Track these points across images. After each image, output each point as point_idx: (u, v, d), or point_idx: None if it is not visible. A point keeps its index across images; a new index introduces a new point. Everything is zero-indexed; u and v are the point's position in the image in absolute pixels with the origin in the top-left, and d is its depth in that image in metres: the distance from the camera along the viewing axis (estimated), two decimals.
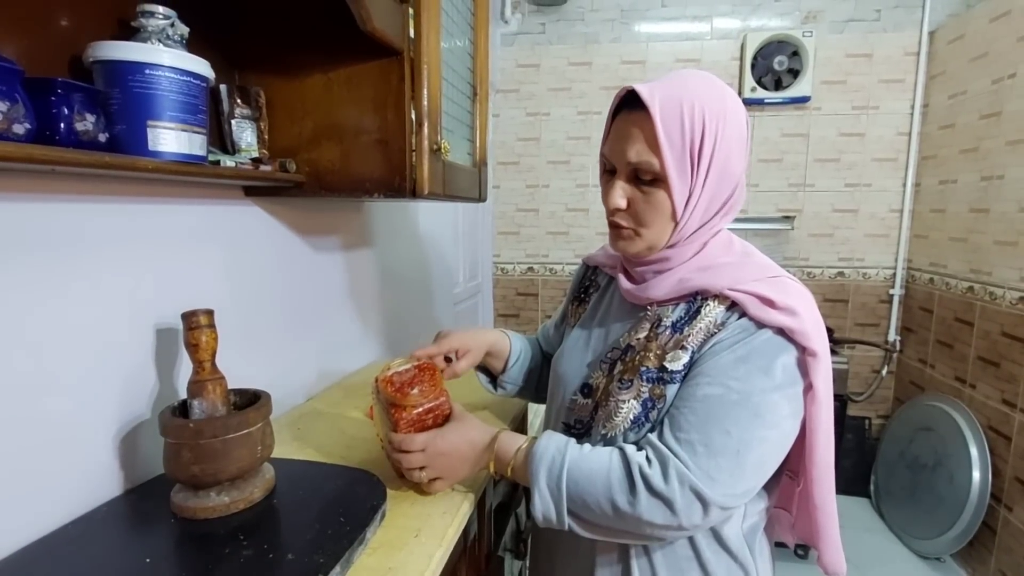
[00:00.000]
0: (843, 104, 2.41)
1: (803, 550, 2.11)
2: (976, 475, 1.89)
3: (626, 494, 0.60)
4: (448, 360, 0.84)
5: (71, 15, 0.64)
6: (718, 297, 0.65)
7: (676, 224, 0.65)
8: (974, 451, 1.92)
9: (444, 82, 0.94)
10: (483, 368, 0.93)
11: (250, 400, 0.72)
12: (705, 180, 0.63)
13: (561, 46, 2.56)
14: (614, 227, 0.69)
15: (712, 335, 0.64)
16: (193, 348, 0.67)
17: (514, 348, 0.92)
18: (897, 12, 2.35)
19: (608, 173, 0.69)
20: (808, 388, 0.62)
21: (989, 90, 1.98)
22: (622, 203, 0.65)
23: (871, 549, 2.15)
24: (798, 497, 0.71)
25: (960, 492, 1.93)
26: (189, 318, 0.67)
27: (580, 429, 0.74)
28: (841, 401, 2.05)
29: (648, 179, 0.64)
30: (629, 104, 0.64)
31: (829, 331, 2.32)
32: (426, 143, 0.86)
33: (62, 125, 0.55)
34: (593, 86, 2.56)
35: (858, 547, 2.14)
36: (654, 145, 0.61)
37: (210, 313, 0.69)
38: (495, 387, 0.94)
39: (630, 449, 0.63)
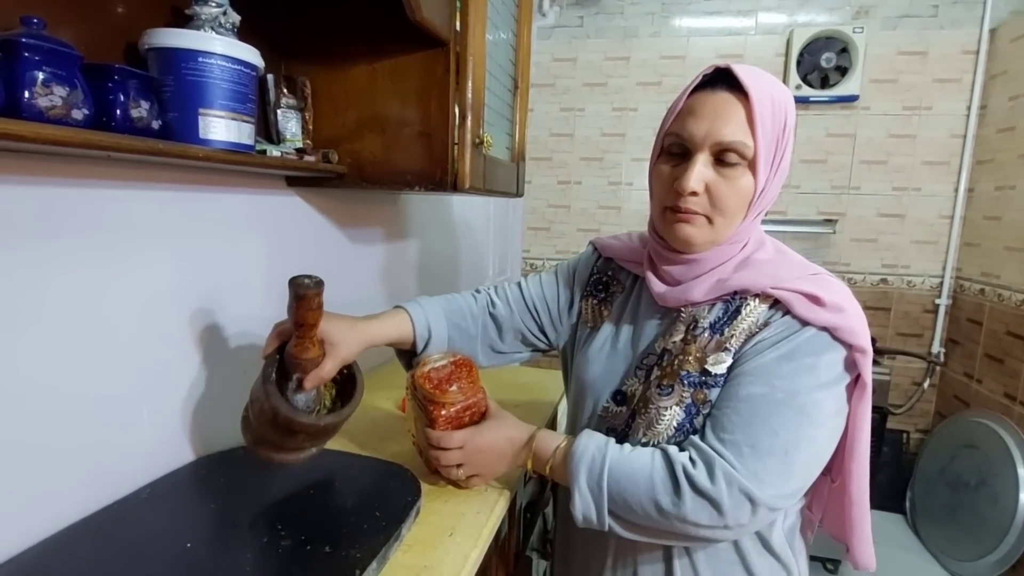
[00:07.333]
0: (893, 104, 2.30)
1: (832, 564, 2.05)
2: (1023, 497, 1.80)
3: (670, 495, 0.58)
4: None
5: (127, 2, 0.65)
6: (759, 296, 0.63)
7: (745, 216, 0.62)
8: (1022, 472, 1.83)
9: (487, 75, 0.93)
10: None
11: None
12: (776, 174, 0.62)
13: (599, 40, 2.51)
14: (681, 212, 0.62)
15: (754, 334, 0.62)
16: (312, 319, 0.62)
17: (419, 331, 0.78)
18: (956, 8, 2.23)
19: (670, 155, 0.64)
20: (855, 383, 0.61)
21: None
22: (699, 186, 0.60)
23: (905, 568, 2.06)
24: (830, 493, 0.69)
25: (1005, 514, 1.84)
26: (300, 286, 0.59)
27: (613, 437, 0.71)
28: (880, 413, 1.98)
29: (733, 163, 0.60)
30: (712, 84, 0.61)
31: (872, 340, 2.23)
32: (469, 136, 0.85)
33: (118, 111, 0.55)
34: (630, 81, 2.50)
35: (892, 565, 2.05)
36: (752, 127, 0.58)
37: (321, 283, 0.61)
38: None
39: (672, 449, 0.61)
